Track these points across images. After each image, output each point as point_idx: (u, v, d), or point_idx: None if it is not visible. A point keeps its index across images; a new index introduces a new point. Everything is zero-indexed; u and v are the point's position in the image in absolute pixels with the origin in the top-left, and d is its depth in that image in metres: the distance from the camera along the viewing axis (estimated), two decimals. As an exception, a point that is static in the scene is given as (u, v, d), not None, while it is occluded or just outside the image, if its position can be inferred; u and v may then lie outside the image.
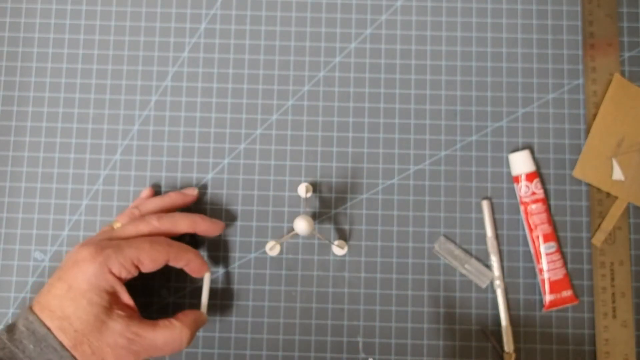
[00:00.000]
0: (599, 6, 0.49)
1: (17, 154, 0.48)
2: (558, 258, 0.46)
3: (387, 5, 0.49)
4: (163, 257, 0.41)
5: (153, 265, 0.40)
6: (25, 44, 0.49)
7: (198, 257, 0.43)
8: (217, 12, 0.50)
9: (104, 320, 0.38)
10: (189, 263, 0.42)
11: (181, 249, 0.42)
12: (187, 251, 0.42)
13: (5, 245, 0.47)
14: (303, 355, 0.46)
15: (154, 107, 0.49)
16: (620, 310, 0.46)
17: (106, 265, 0.39)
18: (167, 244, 0.41)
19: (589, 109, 0.48)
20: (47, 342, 0.37)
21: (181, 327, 0.41)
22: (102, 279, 0.38)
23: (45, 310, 0.38)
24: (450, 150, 0.48)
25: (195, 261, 0.43)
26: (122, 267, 0.39)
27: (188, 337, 0.41)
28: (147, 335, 0.39)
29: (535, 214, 0.46)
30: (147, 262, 0.40)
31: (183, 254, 0.42)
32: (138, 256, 0.40)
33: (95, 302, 0.38)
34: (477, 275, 0.46)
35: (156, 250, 0.40)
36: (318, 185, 0.48)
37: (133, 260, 0.40)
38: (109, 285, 0.39)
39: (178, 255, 0.42)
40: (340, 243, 0.46)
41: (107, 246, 0.39)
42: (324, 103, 0.49)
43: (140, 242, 0.40)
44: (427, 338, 0.46)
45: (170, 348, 0.40)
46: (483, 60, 0.49)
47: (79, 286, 0.38)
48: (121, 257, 0.39)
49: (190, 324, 0.41)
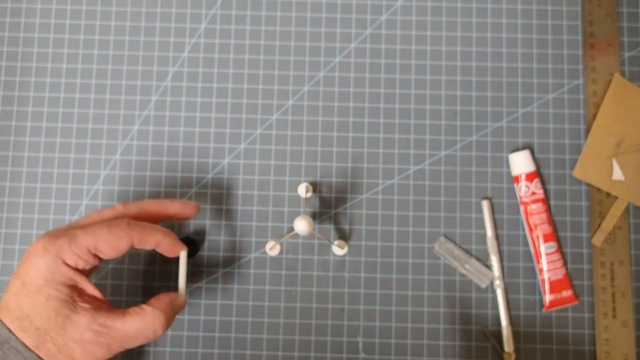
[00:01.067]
0: (599, 6, 0.49)
1: (17, 154, 0.48)
2: (558, 258, 0.46)
3: (387, 5, 0.49)
4: (124, 242, 0.37)
5: (114, 252, 0.37)
6: (25, 44, 0.49)
7: (168, 236, 0.39)
8: (217, 12, 0.50)
9: (66, 314, 0.35)
10: (160, 244, 0.38)
11: (145, 229, 0.38)
12: (153, 230, 0.38)
13: (5, 245, 0.47)
14: (303, 355, 0.46)
15: (154, 107, 0.49)
16: (620, 310, 0.46)
17: (59, 256, 0.35)
18: (127, 227, 0.37)
19: (589, 109, 0.48)
20: (10, 344, 0.34)
21: (153, 312, 0.37)
22: (57, 272, 0.35)
23: (5, 311, 0.35)
24: (450, 150, 0.48)
25: (166, 240, 0.38)
26: (77, 257, 0.36)
27: (162, 322, 0.37)
28: (115, 326, 0.36)
29: (535, 214, 0.46)
30: (106, 249, 0.36)
31: (149, 235, 0.38)
32: (95, 244, 0.36)
33: (53, 296, 0.35)
34: (477, 275, 0.46)
35: (115, 236, 0.36)
36: (318, 185, 0.48)
37: (89, 248, 0.36)
38: (66, 277, 0.36)
39: (143, 237, 0.37)
40: (340, 243, 0.46)
41: (60, 236, 0.36)
42: (324, 103, 0.49)
43: (97, 228, 0.36)
44: (427, 338, 0.46)
45: (144, 336, 0.37)
46: (483, 60, 0.49)
47: (33, 281, 0.35)
48: (75, 247, 0.36)
49: (165, 308, 0.37)
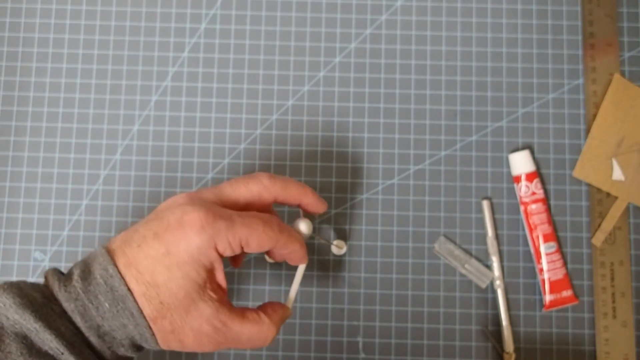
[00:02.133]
0: (599, 6, 0.49)
1: (17, 154, 0.48)
2: (558, 258, 0.46)
3: (387, 5, 0.49)
4: (271, 243, 0.36)
5: (259, 249, 0.36)
6: (25, 44, 0.49)
7: (302, 248, 0.38)
8: (217, 12, 0.50)
9: (194, 299, 0.33)
10: (292, 253, 0.38)
11: (291, 237, 0.37)
12: (295, 240, 0.38)
13: (5, 245, 0.47)
14: (303, 355, 0.46)
15: (154, 107, 0.49)
16: (620, 310, 0.46)
17: (214, 240, 0.34)
18: (278, 229, 0.36)
19: (589, 109, 0.48)
20: (125, 305, 0.32)
21: (269, 325, 0.36)
22: (205, 255, 0.34)
23: (132, 269, 0.33)
24: (450, 150, 0.48)
25: (299, 252, 0.38)
26: (229, 245, 0.34)
27: (273, 336, 0.36)
28: (234, 327, 0.35)
29: (535, 214, 0.46)
30: (254, 246, 0.35)
31: (291, 243, 0.37)
32: (248, 237, 0.35)
33: (191, 277, 0.33)
34: (477, 275, 0.46)
35: (267, 235, 0.36)
36: (318, 186, 0.48)
37: (242, 240, 0.35)
38: (210, 262, 0.34)
39: (286, 244, 0.37)
40: (339, 243, 0.46)
41: (220, 216, 0.34)
42: (324, 103, 0.49)
43: (254, 221, 0.35)
44: (427, 338, 0.46)
45: (252, 344, 0.36)
46: (483, 60, 0.49)
47: (179, 254, 0.33)
48: (231, 235, 0.34)
49: (278, 321, 0.37)
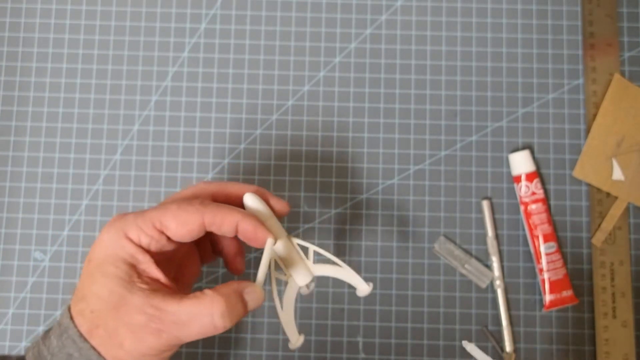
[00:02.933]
0: (599, 6, 0.49)
1: (17, 154, 0.48)
2: (558, 258, 0.46)
3: (387, 5, 0.49)
4: (194, 219, 0.32)
5: (183, 229, 0.32)
6: (25, 44, 0.49)
7: (248, 217, 0.33)
8: (217, 12, 0.50)
9: (121, 294, 0.31)
10: (239, 227, 0.33)
11: (221, 208, 0.33)
12: (230, 209, 0.33)
13: (5, 245, 0.47)
14: (303, 355, 0.46)
15: (154, 107, 0.49)
16: (620, 310, 0.46)
17: (122, 229, 0.32)
18: (199, 203, 0.33)
19: (589, 109, 0.48)
20: (68, 334, 0.31)
21: (212, 297, 0.31)
22: (118, 247, 0.32)
23: (74, 298, 0.33)
24: (450, 150, 0.48)
25: (246, 222, 0.33)
26: (140, 231, 0.32)
27: (222, 310, 0.31)
28: (169, 309, 0.31)
29: (535, 214, 0.46)
30: (174, 225, 0.32)
31: (225, 214, 0.33)
32: (160, 218, 0.32)
33: (110, 273, 0.31)
34: (477, 275, 0.46)
35: (184, 211, 0.32)
36: (318, 186, 0.48)
37: (154, 223, 0.32)
38: (127, 253, 0.32)
39: (217, 216, 0.33)
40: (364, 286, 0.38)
41: (130, 213, 0.33)
42: (324, 103, 0.49)
43: (168, 203, 0.33)
44: (427, 338, 0.46)
45: (199, 324, 0.31)
46: (483, 60, 0.49)
47: (96, 257, 0.32)
48: (140, 220, 0.32)
49: (229, 294, 0.32)
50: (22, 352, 0.46)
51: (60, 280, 0.47)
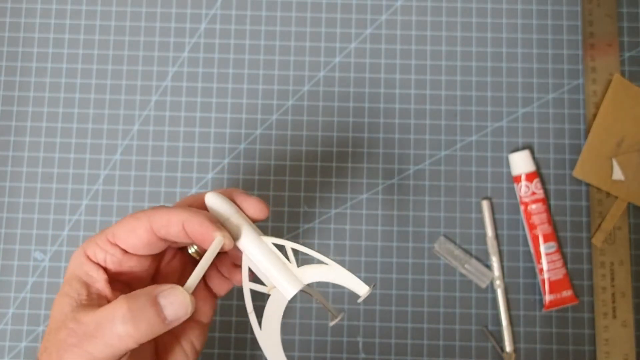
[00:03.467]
0: (599, 6, 0.49)
1: (17, 154, 0.48)
2: (558, 258, 0.46)
3: (387, 5, 0.49)
4: (141, 224, 0.30)
5: (131, 237, 0.30)
6: (25, 44, 0.49)
7: (195, 215, 0.30)
8: (217, 12, 0.50)
9: (66, 314, 0.29)
10: (185, 226, 0.30)
11: (170, 209, 0.30)
12: (177, 210, 0.30)
13: (5, 245, 0.47)
14: (303, 355, 0.46)
15: (154, 107, 0.49)
16: (620, 310, 0.46)
17: (84, 247, 0.31)
18: (151, 208, 0.30)
19: (589, 109, 0.48)
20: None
21: (117, 300, 0.28)
22: (79, 266, 0.30)
23: None
24: (450, 150, 0.48)
25: (192, 220, 0.29)
26: (96, 247, 0.30)
27: (123, 313, 0.27)
28: (84, 319, 0.28)
29: (535, 214, 0.46)
30: (123, 234, 0.30)
31: (171, 214, 0.30)
32: (114, 230, 0.30)
33: (64, 293, 0.30)
34: (477, 275, 0.46)
35: (132, 218, 0.30)
36: (318, 186, 0.48)
37: (107, 236, 0.30)
38: (83, 272, 0.30)
39: (163, 219, 0.30)
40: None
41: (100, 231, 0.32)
42: (324, 103, 0.49)
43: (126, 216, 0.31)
44: (427, 338, 0.46)
45: (102, 334, 0.27)
46: (483, 60, 0.49)
47: (63, 281, 0.31)
48: (99, 238, 0.30)
49: (137, 296, 0.28)
50: (22, 352, 0.46)
51: (60, 280, 0.47)
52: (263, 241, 0.31)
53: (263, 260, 0.30)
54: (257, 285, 0.31)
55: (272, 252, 0.30)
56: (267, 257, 0.30)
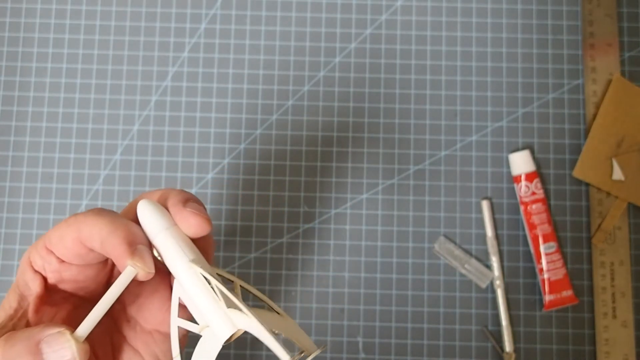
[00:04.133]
0: (599, 6, 0.49)
1: (17, 154, 0.48)
2: (558, 258, 0.46)
3: (387, 5, 0.49)
4: (69, 233, 0.25)
5: (60, 245, 0.26)
6: (25, 44, 0.49)
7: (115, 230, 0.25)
8: (217, 12, 0.50)
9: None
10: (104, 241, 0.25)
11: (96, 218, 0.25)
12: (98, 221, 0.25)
13: (5, 245, 0.47)
14: (303, 355, 0.46)
15: (154, 107, 0.49)
16: (620, 310, 0.46)
17: (29, 253, 0.27)
18: (82, 214, 0.26)
19: (589, 109, 0.48)
20: None
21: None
22: (20, 272, 0.27)
23: None
24: (450, 150, 0.48)
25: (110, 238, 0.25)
26: (36, 252, 0.27)
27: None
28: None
29: (535, 214, 0.46)
30: (53, 238, 0.26)
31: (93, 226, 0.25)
32: (50, 235, 0.26)
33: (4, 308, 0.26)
34: (477, 275, 0.46)
35: (65, 222, 0.26)
36: (318, 186, 0.48)
37: (45, 240, 0.26)
38: (24, 280, 0.27)
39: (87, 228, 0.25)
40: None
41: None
42: (324, 103, 0.49)
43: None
44: (427, 338, 0.46)
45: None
46: (483, 60, 0.49)
47: None
48: (39, 241, 0.27)
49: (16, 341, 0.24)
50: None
51: (60, 280, 0.47)
52: (193, 269, 0.25)
53: (197, 292, 0.25)
54: (188, 323, 0.25)
55: (204, 283, 0.25)
56: (201, 288, 0.25)
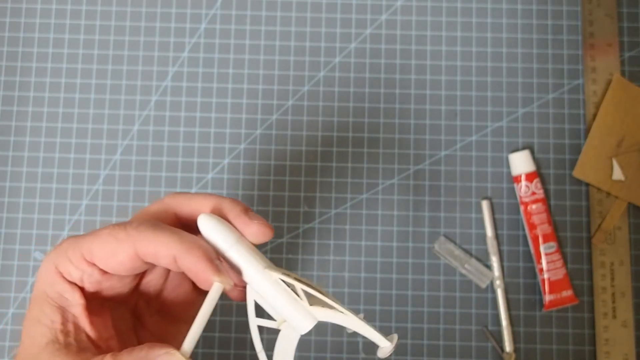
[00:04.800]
0: (599, 6, 0.49)
1: (17, 154, 0.48)
2: (558, 258, 0.46)
3: (387, 5, 0.49)
4: (124, 249, 0.26)
5: (112, 261, 0.26)
6: (25, 44, 0.49)
7: (189, 251, 0.25)
8: (217, 12, 0.50)
9: (40, 346, 0.25)
10: (178, 262, 0.26)
11: (157, 235, 0.25)
12: (168, 239, 0.26)
13: (5, 245, 0.47)
14: (303, 355, 0.46)
15: (154, 107, 0.49)
16: (620, 310, 0.46)
17: (54, 262, 0.26)
18: (134, 228, 0.26)
19: (589, 109, 0.48)
20: None
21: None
22: (49, 284, 0.26)
23: None
24: (450, 150, 0.48)
25: (185, 258, 0.25)
26: (70, 263, 0.26)
27: None
28: None
29: (535, 214, 0.46)
30: (101, 255, 0.26)
31: (159, 245, 0.25)
32: (90, 247, 0.26)
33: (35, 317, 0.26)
34: (477, 275, 0.46)
35: (114, 237, 0.26)
36: (318, 186, 0.48)
37: (83, 253, 0.26)
38: (56, 292, 0.26)
39: (149, 246, 0.25)
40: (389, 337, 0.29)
41: (70, 238, 0.27)
42: (324, 103, 0.49)
43: (103, 229, 0.27)
44: (427, 338, 0.46)
45: None
46: (483, 60, 0.49)
47: (32, 297, 0.27)
48: (71, 250, 0.26)
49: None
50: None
51: (60, 280, 0.47)
52: (270, 275, 0.27)
53: (274, 293, 0.27)
54: (266, 321, 0.28)
55: (281, 285, 0.27)
56: (277, 290, 0.27)
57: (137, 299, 0.30)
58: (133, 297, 0.30)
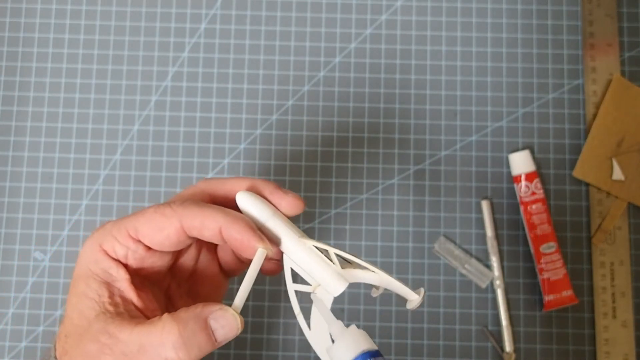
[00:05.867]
0: (599, 6, 0.49)
1: (17, 154, 0.48)
2: (558, 258, 0.46)
3: (387, 5, 0.49)
4: (170, 223, 0.28)
5: (159, 235, 0.28)
6: (25, 44, 0.49)
7: (234, 222, 0.28)
8: (217, 12, 0.50)
9: (89, 318, 0.27)
10: (223, 232, 0.28)
11: (202, 209, 0.28)
12: (212, 211, 0.28)
13: (5, 245, 0.47)
14: (303, 355, 0.46)
15: (154, 107, 0.49)
16: (620, 310, 0.46)
17: (98, 240, 0.28)
18: (179, 205, 0.28)
19: (589, 109, 0.48)
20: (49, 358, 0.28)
21: (164, 324, 0.26)
22: (93, 261, 0.28)
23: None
24: (450, 150, 0.48)
25: (231, 226, 0.28)
26: (115, 241, 0.28)
27: (173, 340, 0.26)
28: (121, 336, 0.26)
29: (535, 214, 0.46)
30: (149, 232, 0.28)
31: (205, 217, 0.28)
32: (135, 224, 0.28)
33: (81, 293, 0.28)
34: (477, 275, 0.46)
35: (160, 214, 0.28)
36: (318, 186, 0.48)
37: (129, 230, 0.28)
38: (100, 269, 0.28)
39: (196, 219, 0.28)
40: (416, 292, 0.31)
41: (111, 221, 0.29)
42: (324, 103, 0.49)
43: (147, 207, 0.29)
44: (427, 338, 0.46)
45: (148, 357, 0.26)
46: (483, 60, 0.49)
47: (75, 274, 0.29)
48: (116, 229, 0.28)
49: (187, 320, 0.26)
50: (22, 352, 0.46)
51: (60, 280, 0.47)
52: (305, 243, 0.30)
53: (308, 260, 0.30)
54: (302, 286, 0.30)
55: (315, 252, 0.30)
56: (311, 256, 0.30)
57: (170, 280, 0.32)
58: (167, 279, 0.32)
